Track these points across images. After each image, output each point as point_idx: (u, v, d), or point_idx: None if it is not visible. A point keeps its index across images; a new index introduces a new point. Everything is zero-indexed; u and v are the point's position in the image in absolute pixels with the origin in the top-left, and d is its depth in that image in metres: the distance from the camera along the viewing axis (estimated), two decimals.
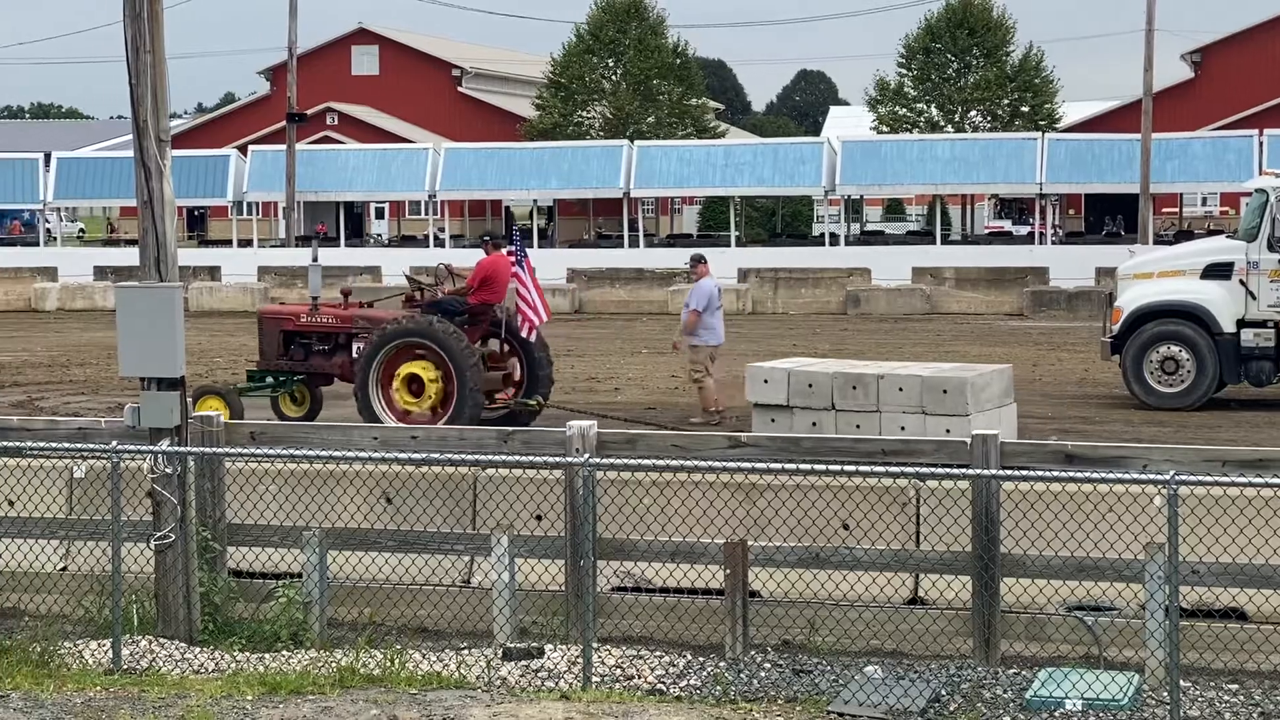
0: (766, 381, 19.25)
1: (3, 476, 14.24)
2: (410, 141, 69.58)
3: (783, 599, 13.01)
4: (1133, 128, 53.70)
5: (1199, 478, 11.39)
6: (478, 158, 58.97)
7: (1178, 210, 71.02)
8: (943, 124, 73.01)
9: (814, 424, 18.60)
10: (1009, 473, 12.19)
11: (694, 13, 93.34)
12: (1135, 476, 11.72)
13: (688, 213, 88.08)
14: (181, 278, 13.17)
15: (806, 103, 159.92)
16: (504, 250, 21.62)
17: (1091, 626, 12.17)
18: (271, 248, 58.02)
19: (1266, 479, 11.20)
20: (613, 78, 75.93)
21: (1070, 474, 12.09)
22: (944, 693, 11.31)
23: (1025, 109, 73.23)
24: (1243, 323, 23.17)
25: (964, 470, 12.39)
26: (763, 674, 11.86)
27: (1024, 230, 68.62)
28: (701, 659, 12.24)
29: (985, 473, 12.10)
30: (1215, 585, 12.06)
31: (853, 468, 11.82)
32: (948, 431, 17.37)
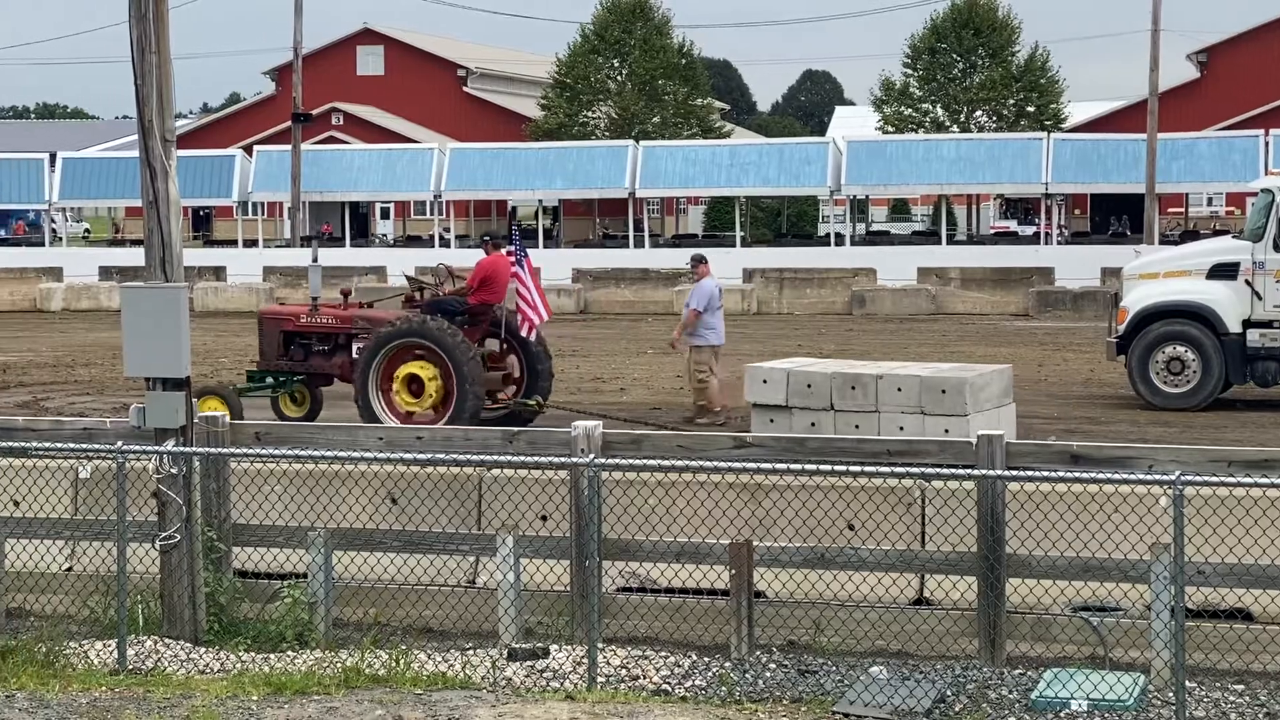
0: (765, 382, 19.22)
1: (8, 477, 14.24)
2: (415, 141, 69.59)
3: (788, 599, 13.01)
4: (1138, 128, 53.65)
5: (1205, 478, 11.39)
6: (483, 158, 58.96)
7: (1183, 210, 71.02)
8: (948, 124, 72.98)
9: (813, 424, 18.57)
10: (1014, 473, 12.17)
11: (699, 13, 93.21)
12: (1141, 477, 11.71)
13: (693, 213, 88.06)
14: (187, 278, 13.17)
15: (812, 103, 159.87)
16: (504, 250, 21.63)
17: (1097, 627, 12.16)
18: (277, 248, 58.07)
19: (1272, 479, 11.18)
20: (618, 78, 75.92)
21: (1076, 474, 12.06)
22: (949, 693, 11.30)
23: (1031, 109, 73.21)
24: (1248, 323, 23.17)
25: (969, 471, 12.39)
26: (768, 674, 11.85)
27: (1029, 230, 68.59)
28: (707, 659, 12.23)
29: (991, 473, 12.09)
30: (1221, 586, 12.05)
31: (858, 468, 11.81)
32: (946, 432, 17.37)
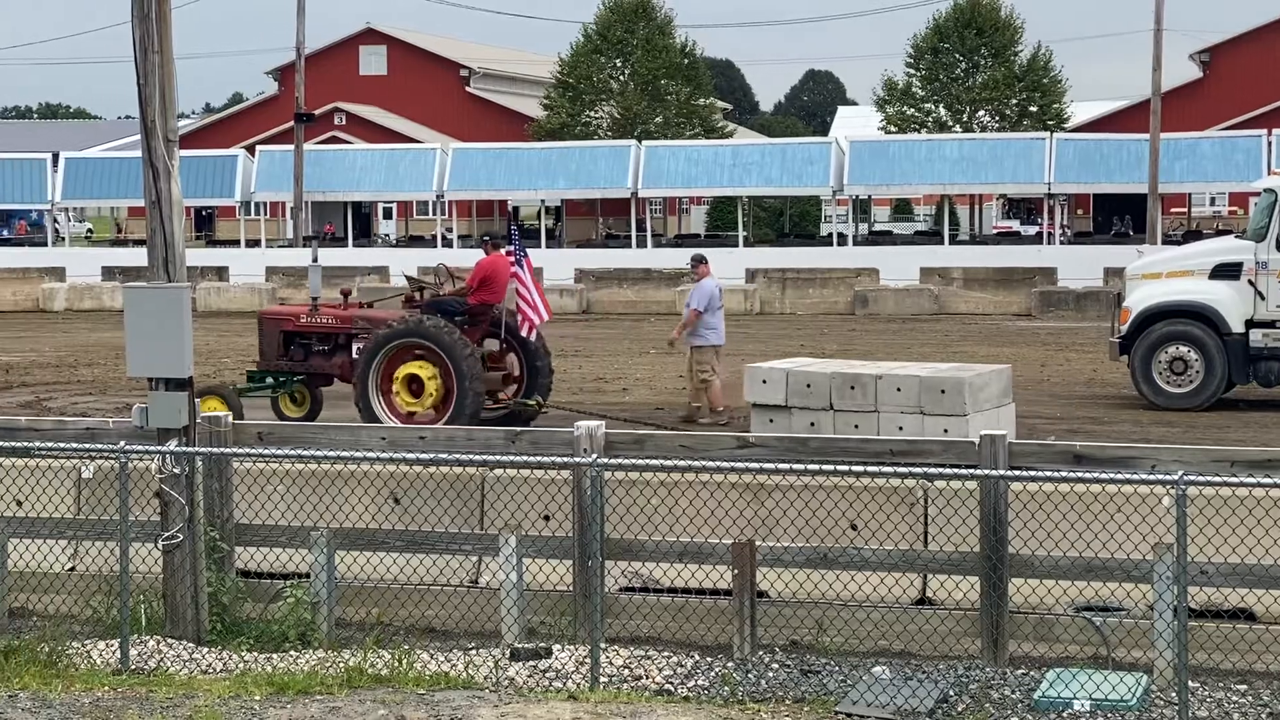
0: (765, 382, 19.21)
1: (11, 477, 14.24)
2: (418, 141, 69.59)
3: (790, 599, 13.00)
4: (1141, 128, 53.63)
5: (1208, 478, 11.37)
6: (486, 158, 58.98)
7: (1186, 210, 70.97)
8: (951, 124, 72.95)
9: (812, 424, 18.56)
10: (1017, 473, 12.17)
11: (702, 12, 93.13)
12: (1144, 477, 11.71)
13: (696, 213, 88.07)
14: (189, 278, 13.18)
15: (814, 103, 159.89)
16: (503, 250, 21.64)
17: (1100, 627, 12.16)
18: (279, 248, 58.11)
19: (1275, 479, 11.16)
20: (620, 78, 75.91)
21: (1079, 474, 12.06)
22: (952, 693, 11.30)
23: (1033, 109, 73.18)
24: (1251, 323, 23.17)
25: (972, 471, 12.39)
26: (770, 674, 11.85)
27: (1032, 230, 68.58)
28: (709, 659, 12.23)
29: (993, 473, 12.09)
30: (1224, 586, 12.05)
31: (861, 468, 11.81)
32: (945, 431, 17.38)
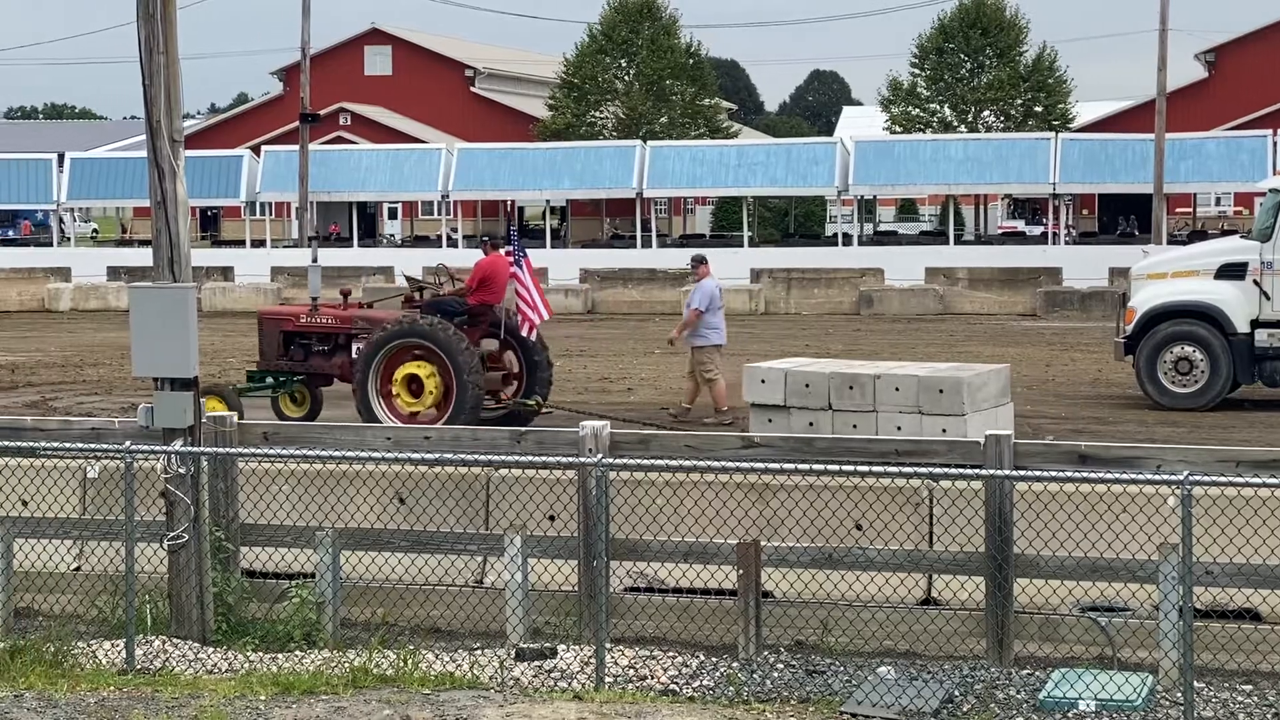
0: (764, 382, 19.20)
1: (16, 476, 14.25)
2: (423, 142, 69.60)
3: (796, 599, 13.00)
4: (1146, 128, 53.60)
5: (1213, 478, 11.37)
6: (491, 158, 58.97)
7: (1191, 210, 70.92)
8: (956, 124, 72.94)
9: (810, 424, 18.54)
10: (1022, 473, 12.17)
11: (707, 13, 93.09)
12: (1149, 477, 11.70)
13: (700, 213, 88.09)
14: (195, 278, 13.19)
15: (819, 103, 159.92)
16: (502, 250, 21.65)
17: (1105, 627, 12.16)
18: (284, 248, 58.07)
19: None
20: (625, 78, 75.91)
21: (1084, 474, 12.06)
22: (957, 693, 11.30)
23: (1038, 109, 73.16)
24: (1257, 323, 23.14)
25: (977, 471, 12.38)
26: (776, 674, 11.85)
27: (1037, 230, 68.54)
28: (714, 659, 12.24)
29: (998, 473, 12.09)
30: (1229, 586, 12.05)
31: (866, 468, 11.81)
32: (944, 431, 17.37)
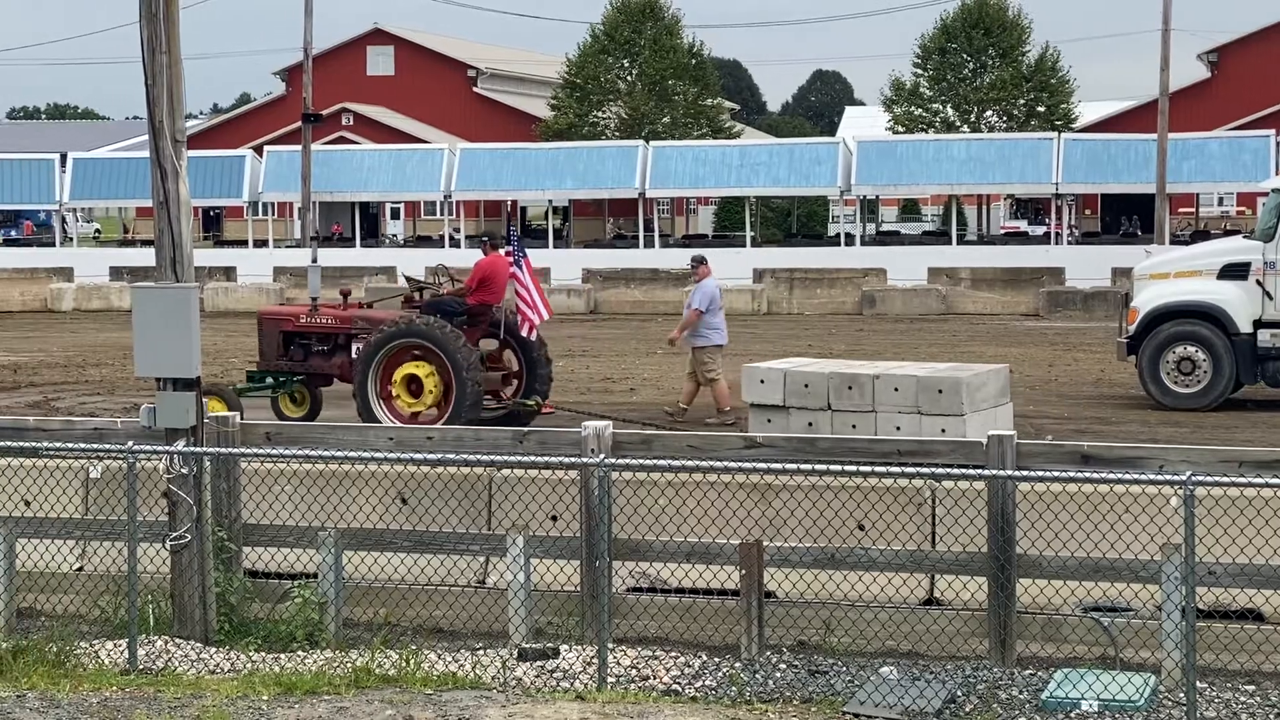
0: (763, 382, 19.19)
1: (19, 477, 14.26)
2: (425, 142, 69.65)
3: (798, 599, 13.00)
4: (1149, 128, 53.60)
5: (1215, 478, 11.35)
6: (493, 158, 58.98)
7: (1194, 210, 70.93)
8: (958, 124, 72.96)
9: (810, 424, 18.53)
10: (1025, 473, 12.17)
11: (709, 13, 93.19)
12: (1151, 477, 11.69)
13: (703, 213, 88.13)
14: (197, 278, 13.19)
15: (822, 103, 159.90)
16: (502, 250, 21.65)
17: (1107, 627, 12.15)
18: (287, 248, 58.09)
19: None
20: (628, 78, 75.94)
21: (1086, 475, 12.05)
22: (959, 694, 11.29)
23: (1041, 109, 73.18)
24: (1259, 323, 23.12)
25: (980, 471, 12.38)
26: (778, 675, 11.84)
27: (1040, 230, 68.55)
28: (717, 660, 12.23)
29: (1001, 473, 12.08)
30: (1232, 586, 12.04)
31: (868, 468, 11.81)
32: (943, 431, 17.37)
